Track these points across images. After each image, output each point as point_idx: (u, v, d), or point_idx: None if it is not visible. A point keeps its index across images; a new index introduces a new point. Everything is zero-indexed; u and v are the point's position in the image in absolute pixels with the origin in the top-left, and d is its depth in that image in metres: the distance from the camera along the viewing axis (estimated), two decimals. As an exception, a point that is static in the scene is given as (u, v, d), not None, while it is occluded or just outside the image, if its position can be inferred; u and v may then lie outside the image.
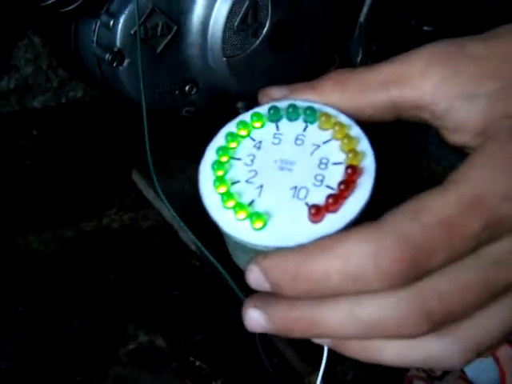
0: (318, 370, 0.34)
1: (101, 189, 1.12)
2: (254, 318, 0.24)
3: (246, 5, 0.60)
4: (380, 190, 0.25)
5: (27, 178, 1.14)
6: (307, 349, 0.85)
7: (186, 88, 0.65)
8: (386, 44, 0.75)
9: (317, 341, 0.25)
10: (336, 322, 0.22)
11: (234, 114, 0.73)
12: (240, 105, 0.69)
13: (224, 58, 0.63)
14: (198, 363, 0.86)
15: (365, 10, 0.71)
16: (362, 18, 0.71)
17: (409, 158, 0.79)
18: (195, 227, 0.65)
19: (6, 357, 0.84)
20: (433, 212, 0.21)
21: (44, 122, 1.28)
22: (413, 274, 0.21)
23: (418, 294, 0.21)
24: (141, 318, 0.91)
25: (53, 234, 1.03)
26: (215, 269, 0.96)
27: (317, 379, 0.39)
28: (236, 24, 0.61)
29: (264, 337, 0.82)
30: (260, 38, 0.63)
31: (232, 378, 0.84)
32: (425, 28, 0.76)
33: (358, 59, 0.73)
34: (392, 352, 0.23)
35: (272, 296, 0.23)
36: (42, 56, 1.29)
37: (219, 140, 0.27)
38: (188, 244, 1.02)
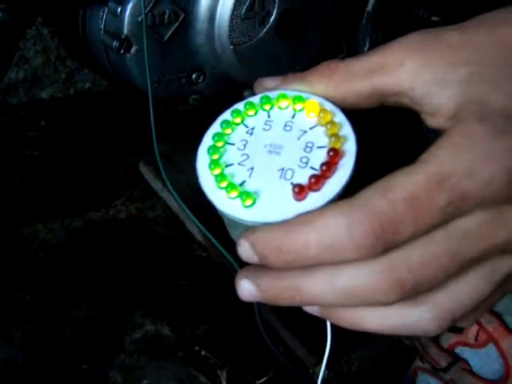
0: (323, 361, 0.35)
1: (108, 179, 1.13)
2: (246, 288, 0.26)
3: (253, -7, 0.60)
4: (361, 171, 0.26)
5: (35, 168, 1.15)
6: (312, 340, 0.85)
7: (193, 76, 0.65)
8: (393, 34, 0.75)
9: (306, 309, 0.27)
10: (317, 290, 0.25)
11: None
12: (247, 93, 0.69)
13: (231, 46, 0.63)
14: (203, 352, 0.86)
15: (372, -1, 0.71)
16: (369, 7, 0.71)
17: (414, 136, 0.79)
18: (202, 218, 0.66)
19: (13, 344, 0.85)
20: (400, 189, 0.23)
21: (52, 113, 1.29)
22: (382, 245, 0.23)
23: (388, 264, 0.23)
24: (147, 307, 0.91)
25: (60, 224, 1.03)
26: (221, 259, 0.97)
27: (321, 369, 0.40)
28: (243, 12, 0.61)
29: (268, 329, 0.82)
30: (267, 26, 0.63)
31: (237, 367, 0.84)
32: (433, 18, 0.76)
33: (366, 49, 0.73)
34: (372, 320, 0.26)
35: (261, 268, 0.26)
36: (50, 48, 1.29)
37: (215, 127, 0.30)
38: (194, 235, 1.03)
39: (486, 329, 0.67)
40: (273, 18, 0.63)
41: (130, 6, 0.59)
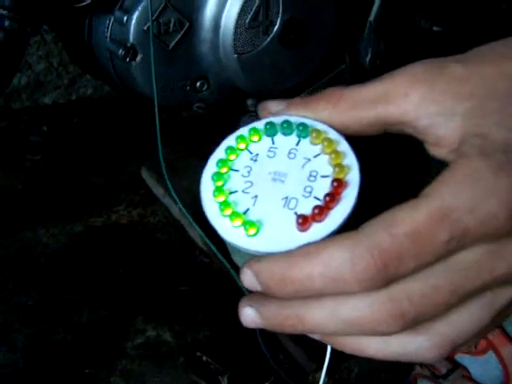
0: (323, 367, 0.35)
1: (110, 185, 1.13)
2: (249, 315, 0.26)
3: (257, 2, 0.61)
4: (364, 200, 0.27)
5: (37, 173, 1.15)
6: (312, 346, 0.85)
7: (197, 84, 0.66)
8: (395, 44, 0.76)
9: (310, 335, 0.28)
10: (320, 320, 0.25)
11: (244, 111, 0.73)
12: (250, 102, 0.70)
13: (235, 55, 0.63)
14: (204, 358, 0.86)
15: (375, 9, 0.71)
16: (371, 18, 0.71)
17: (418, 163, 0.79)
18: (203, 224, 0.66)
19: (15, 349, 0.85)
20: (402, 224, 0.23)
21: (54, 119, 1.30)
22: (384, 278, 0.23)
23: (390, 296, 0.24)
24: (149, 313, 0.92)
25: (62, 229, 1.04)
26: (223, 265, 0.97)
27: (321, 376, 0.40)
28: (247, 21, 0.62)
29: (268, 334, 0.82)
30: (271, 36, 0.64)
31: (238, 373, 0.84)
32: (434, 28, 0.77)
33: (368, 59, 0.73)
34: (373, 347, 0.26)
35: (264, 296, 0.26)
36: (53, 53, 1.30)
37: (219, 153, 0.30)
38: (196, 241, 1.03)
39: (486, 336, 0.68)
40: (276, 27, 0.64)
41: (135, 15, 0.60)
